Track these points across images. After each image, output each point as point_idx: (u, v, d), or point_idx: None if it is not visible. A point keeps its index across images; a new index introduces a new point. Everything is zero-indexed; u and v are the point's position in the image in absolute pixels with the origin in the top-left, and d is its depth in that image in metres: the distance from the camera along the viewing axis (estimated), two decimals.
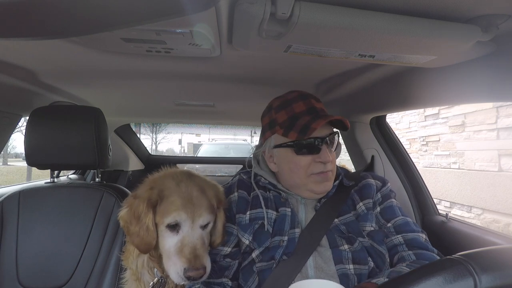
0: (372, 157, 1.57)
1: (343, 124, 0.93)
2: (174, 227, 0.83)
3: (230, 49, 0.91)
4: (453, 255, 0.42)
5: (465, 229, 1.18)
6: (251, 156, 1.08)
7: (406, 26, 0.64)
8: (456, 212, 4.43)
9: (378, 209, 0.96)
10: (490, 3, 0.61)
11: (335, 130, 0.96)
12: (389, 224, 0.93)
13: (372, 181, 1.00)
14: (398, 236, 0.90)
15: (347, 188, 0.98)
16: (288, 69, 1.16)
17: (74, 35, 0.68)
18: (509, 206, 3.64)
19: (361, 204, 0.94)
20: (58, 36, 0.54)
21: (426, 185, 1.47)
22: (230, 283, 0.89)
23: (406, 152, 1.54)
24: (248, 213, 0.94)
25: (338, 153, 1.03)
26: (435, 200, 1.44)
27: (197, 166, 4.09)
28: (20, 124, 1.68)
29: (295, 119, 0.92)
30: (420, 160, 5.34)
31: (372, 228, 0.91)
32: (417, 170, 1.50)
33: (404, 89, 1.13)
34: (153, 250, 0.87)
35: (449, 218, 1.29)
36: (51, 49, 0.97)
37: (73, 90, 1.52)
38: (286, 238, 0.88)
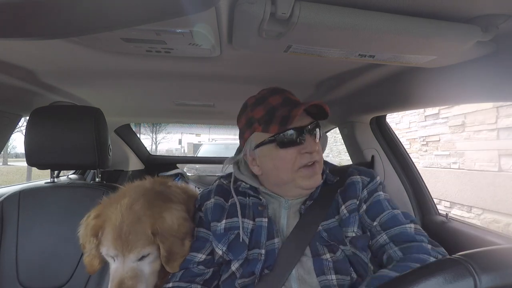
0: (372, 157, 1.57)
1: (323, 114, 0.87)
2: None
3: (230, 49, 0.91)
4: (453, 255, 0.42)
5: (465, 229, 1.18)
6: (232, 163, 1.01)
7: (406, 26, 0.64)
8: (456, 212, 4.43)
9: (364, 207, 0.88)
10: (490, 3, 0.61)
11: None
12: (375, 223, 0.85)
13: (357, 178, 0.91)
14: (383, 234, 0.84)
15: (332, 187, 0.91)
16: (288, 69, 1.16)
17: (74, 35, 0.68)
18: (509, 206, 3.64)
19: (343, 207, 0.87)
20: (58, 36, 0.54)
21: (426, 185, 1.47)
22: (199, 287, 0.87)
23: (406, 152, 1.55)
24: (223, 221, 0.90)
25: (324, 146, 0.97)
26: (435, 200, 1.44)
27: (197, 166, 4.09)
28: (20, 124, 1.68)
29: (274, 111, 0.86)
30: (420, 160, 5.34)
31: (354, 234, 0.84)
32: (417, 170, 1.50)
33: (404, 89, 1.13)
34: None
35: (449, 218, 1.29)
36: (51, 49, 0.97)
37: (73, 90, 1.52)
38: (263, 251, 0.83)
